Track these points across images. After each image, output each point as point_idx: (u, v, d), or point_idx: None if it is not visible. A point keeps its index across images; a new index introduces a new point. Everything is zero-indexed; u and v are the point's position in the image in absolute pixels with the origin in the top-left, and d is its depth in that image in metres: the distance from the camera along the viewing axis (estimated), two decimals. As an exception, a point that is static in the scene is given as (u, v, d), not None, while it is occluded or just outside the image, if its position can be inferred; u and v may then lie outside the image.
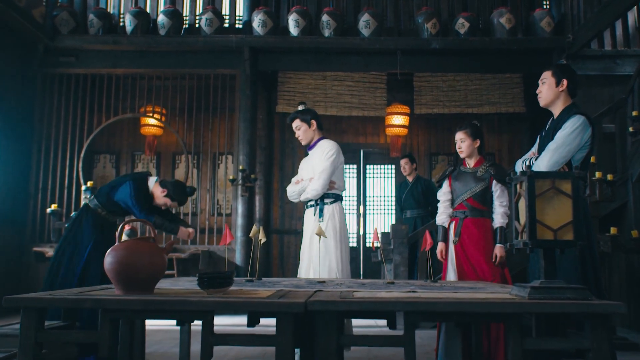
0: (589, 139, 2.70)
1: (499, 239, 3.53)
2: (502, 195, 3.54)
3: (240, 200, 6.56)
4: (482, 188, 3.55)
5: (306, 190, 3.58)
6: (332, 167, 3.59)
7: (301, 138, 3.76)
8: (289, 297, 1.77)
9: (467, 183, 3.60)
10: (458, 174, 3.68)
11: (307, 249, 3.52)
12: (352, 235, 8.20)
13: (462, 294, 1.90)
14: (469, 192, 3.57)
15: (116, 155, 8.10)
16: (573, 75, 2.83)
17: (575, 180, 1.71)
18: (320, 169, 3.56)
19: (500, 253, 3.50)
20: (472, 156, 3.65)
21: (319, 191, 3.55)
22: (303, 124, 3.73)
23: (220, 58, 6.77)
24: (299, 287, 2.25)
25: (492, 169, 3.58)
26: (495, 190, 3.56)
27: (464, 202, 3.59)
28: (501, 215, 3.52)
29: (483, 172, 3.58)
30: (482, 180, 3.56)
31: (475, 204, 3.55)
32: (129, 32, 6.59)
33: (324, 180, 3.55)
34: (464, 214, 3.58)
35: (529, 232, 1.70)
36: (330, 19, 6.46)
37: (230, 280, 1.87)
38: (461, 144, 3.63)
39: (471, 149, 3.62)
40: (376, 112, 7.02)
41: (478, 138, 3.63)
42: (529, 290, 1.67)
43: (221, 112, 7.12)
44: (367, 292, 1.96)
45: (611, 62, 6.70)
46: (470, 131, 3.62)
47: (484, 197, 3.56)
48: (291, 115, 3.81)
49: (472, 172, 3.62)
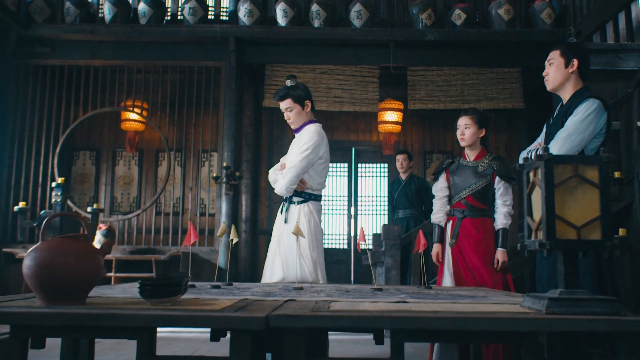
0: (604, 126, 2.37)
1: (501, 242, 3.18)
2: (505, 193, 3.19)
3: (225, 199, 6.20)
4: (484, 185, 3.20)
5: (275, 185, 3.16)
6: (304, 164, 3.08)
7: (292, 121, 3.19)
8: (249, 309, 1.44)
9: (467, 179, 3.24)
10: (457, 167, 3.33)
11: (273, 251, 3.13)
12: (343, 236, 7.87)
13: (462, 306, 1.57)
14: (468, 190, 3.22)
15: (96, 152, 7.75)
16: (584, 55, 2.51)
17: (604, 165, 1.38)
18: (290, 164, 3.08)
19: (502, 258, 3.16)
20: (473, 147, 3.29)
21: (283, 191, 3.09)
22: (296, 105, 3.15)
23: (205, 49, 6.42)
24: (269, 294, 1.91)
25: (494, 163, 3.22)
26: (498, 188, 3.21)
27: (462, 200, 3.24)
28: (504, 215, 3.18)
29: (485, 166, 3.23)
30: (483, 176, 3.21)
31: (475, 202, 3.21)
32: (107, 21, 6.23)
33: (289, 179, 3.06)
34: (463, 214, 3.23)
35: (546, 230, 1.37)
36: (320, 9, 6.13)
37: (180, 287, 1.53)
38: (465, 130, 3.26)
39: (475, 138, 3.26)
40: (368, 108, 6.69)
41: (484, 127, 3.27)
42: (546, 303, 1.34)
43: (206, 107, 6.77)
44: (347, 303, 1.62)
45: (614, 56, 6.39)
46: (477, 118, 3.26)
47: (485, 195, 3.21)
48: (280, 92, 3.17)
49: (472, 167, 3.26)
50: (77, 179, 7.68)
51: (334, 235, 7.88)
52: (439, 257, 3.36)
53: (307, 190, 3.17)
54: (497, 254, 3.18)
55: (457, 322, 1.27)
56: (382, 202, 7.82)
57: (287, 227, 3.05)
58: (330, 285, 2.52)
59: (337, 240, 7.88)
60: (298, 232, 2.24)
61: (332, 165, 7.92)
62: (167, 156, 6.85)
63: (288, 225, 3.06)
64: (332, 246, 7.81)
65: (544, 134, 2.65)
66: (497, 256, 3.18)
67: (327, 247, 7.77)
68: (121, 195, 7.71)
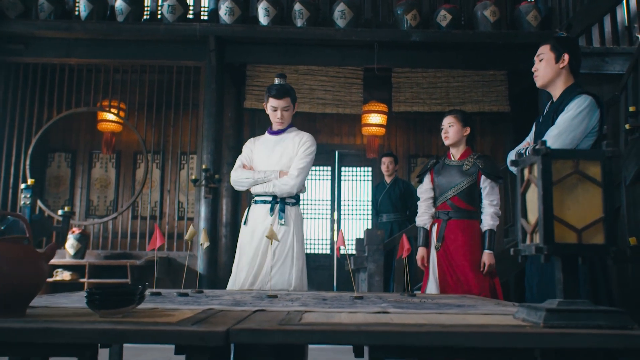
0: (597, 124, 2.24)
1: (487, 244, 3.04)
2: (491, 192, 3.05)
3: (204, 203, 6.01)
4: (469, 185, 3.06)
5: (274, 184, 2.95)
6: (310, 166, 3.04)
7: (283, 122, 3.06)
8: (210, 321, 1.27)
9: (452, 178, 3.10)
10: (442, 167, 3.19)
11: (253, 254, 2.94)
12: (325, 242, 7.71)
13: (449, 317, 1.42)
14: (453, 190, 3.08)
15: (72, 154, 7.51)
16: (575, 50, 2.38)
17: (607, 161, 1.24)
18: (300, 165, 2.96)
19: (489, 261, 3.02)
20: (458, 145, 3.16)
21: (293, 190, 2.96)
22: (292, 105, 3.06)
23: (184, 48, 6.23)
24: (239, 304, 1.74)
25: (479, 161, 3.09)
26: (484, 187, 3.07)
27: (447, 202, 3.10)
28: (491, 216, 3.04)
29: (470, 165, 3.09)
30: (468, 176, 3.07)
31: (460, 203, 3.06)
32: (83, 18, 6.02)
33: (302, 179, 2.98)
34: (448, 215, 3.09)
35: (543, 233, 1.22)
36: (303, 8, 5.98)
37: (133, 297, 1.36)
38: (448, 128, 3.14)
39: (459, 135, 3.14)
40: (352, 110, 6.54)
41: (468, 125, 3.15)
42: (544, 315, 1.19)
43: (185, 108, 6.58)
44: (322, 314, 1.46)
45: (600, 60, 6.32)
46: (461, 116, 3.15)
47: (471, 195, 3.07)
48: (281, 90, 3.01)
49: (457, 166, 3.13)
50: (52, 182, 7.43)
51: (316, 241, 7.71)
52: (424, 262, 3.22)
53: (300, 192, 3.08)
54: (483, 257, 3.04)
55: (443, 337, 1.11)
56: (366, 206, 7.67)
57: (283, 229, 2.91)
58: (308, 293, 2.36)
59: (320, 245, 7.71)
60: (273, 235, 2.08)
61: (315, 168, 7.77)
62: (145, 158, 6.64)
63: (285, 227, 2.92)
64: (314, 251, 7.64)
65: (533, 133, 2.51)
66: (483, 259, 3.04)
67: (309, 252, 7.60)
68: (97, 198, 7.47)
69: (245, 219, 3.07)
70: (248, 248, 2.95)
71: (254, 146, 3.18)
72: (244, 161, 3.13)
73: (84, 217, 7.26)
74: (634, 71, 4.90)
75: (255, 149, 3.15)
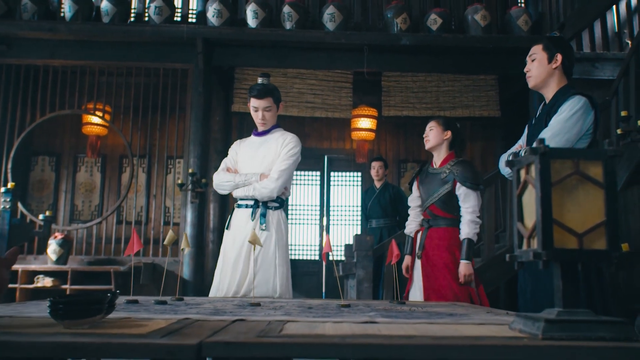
0: (592, 126, 2.17)
1: (465, 253, 2.95)
2: (467, 199, 2.96)
3: (190, 208, 5.90)
4: (445, 192, 3.00)
5: (255, 187, 2.84)
6: (293, 168, 2.93)
7: (266, 123, 2.96)
8: (184, 333, 1.17)
9: (431, 186, 3.04)
10: (425, 175, 3.13)
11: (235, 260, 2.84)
12: (314, 247, 7.61)
13: (441, 327, 1.33)
14: (431, 198, 3.03)
15: (57, 158, 7.36)
16: (568, 50, 2.31)
17: (609, 161, 1.16)
18: (282, 167, 2.86)
19: (465, 271, 2.93)
20: (439, 150, 3.10)
21: (274, 193, 2.85)
22: (274, 106, 2.96)
23: (171, 51, 6.13)
24: (218, 312, 1.65)
25: (455, 168, 3.00)
26: (459, 194, 2.99)
27: (427, 210, 3.05)
28: (467, 224, 2.94)
29: (447, 173, 3.02)
30: (445, 183, 3.00)
31: (438, 211, 3.00)
32: (68, 19, 5.90)
33: (283, 181, 2.86)
34: (428, 224, 3.04)
35: (542, 238, 1.14)
36: (292, 11, 5.90)
37: (101, 306, 1.26)
38: (429, 132, 3.09)
39: (439, 139, 3.07)
40: (341, 114, 6.47)
41: (450, 129, 3.09)
42: (542, 325, 1.11)
43: (172, 111, 6.46)
44: (305, 324, 1.37)
45: (590, 65, 6.30)
46: (442, 120, 3.09)
47: (449, 202, 3.00)
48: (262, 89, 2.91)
49: (437, 173, 3.07)
50: (36, 186, 7.29)
51: (305, 246, 7.61)
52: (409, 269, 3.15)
53: (283, 195, 2.98)
54: (460, 267, 2.96)
55: (434, 350, 1.03)
56: (356, 212, 7.59)
57: (265, 235, 2.81)
58: (293, 301, 2.26)
59: (309, 251, 7.61)
60: (256, 240, 1.99)
61: (304, 173, 7.67)
62: (130, 162, 6.52)
63: (267, 233, 2.82)
64: (303, 257, 7.54)
65: (526, 136, 2.44)
66: (460, 269, 2.95)
67: (298, 258, 7.50)
68: (82, 203, 7.33)
69: (227, 224, 2.98)
70: (230, 254, 2.85)
71: (239, 148, 3.09)
72: (229, 164, 3.05)
73: (68, 222, 7.11)
74: (625, 76, 4.88)
75: (240, 151, 3.06)
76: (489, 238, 5.11)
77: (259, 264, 2.77)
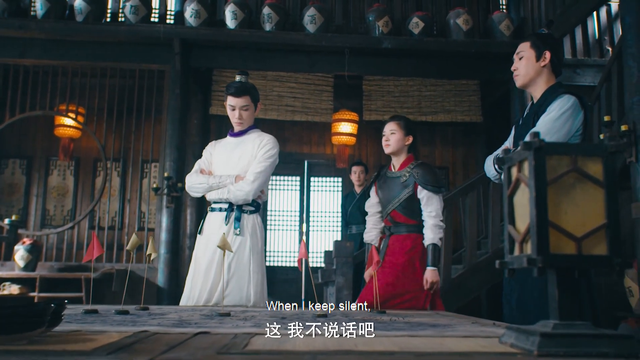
0: (581, 126, 2.08)
1: (430, 260, 2.83)
2: (429, 202, 2.84)
3: (165, 212, 5.71)
4: (406, 197, 2.88)
5: (229, 190, 2.71)
6: (270, 171, 2.82)
7: (243, 122, 2.85)
8: (135, 349, 1.03)
9: (391, 191, 2.93)
10: (384, 180, 3.02)
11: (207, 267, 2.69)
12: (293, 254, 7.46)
13: (424, 340, 1.21)
14: (392, 203, 2.91)
15: (28, 161, 7.12)
16: (557, 47, 2.23)
17: (609, 157, 1.05)
18: (258, 169, 2.74)
19: (432, 278, 2.81)
20: (399, 154, 2.99)
21: (249, 196, 2.72)
22: (252, 105, 2.85)
23: (148, 51, 5.95)
24: (182, 324, 1.50)
25: (416, 171, 2.89)
26: (421, 198, 2.87)
27: (388, 216, 2.93)
28: (431, 229, 2.83)
29: (407, 176, 2.91)
30: (406, 187, 2.89)
31: (399, 217, 2.89)
32: (40, 17, 5.71)
33: (259, 184, 2.74)
34: (390, 231, 2.92)
35: (536, 242, 1.02)
36: (272, 12, 5.78)
37: (41, 318, 1.11)
38: (390, 136, 2.96)
39: (400, 144, 2.96)
40: (321, 118, 6.35)
41: (411, 134, 2.98)
42: (537, 340, 0.99)
43: (148, 114, 6.29)
44: (274, 337, 1.24)
45: (571, 71, 6.27)
46: (404, 123, 2.97)
47: (411, 207, 2.89)
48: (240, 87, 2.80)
49: (397, 177, 2.96)
50: (5, 189, 7.04)
51: (284, 253, 7.46)
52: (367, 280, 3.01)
53: (260, 199, 2.84)
54: (426, 275, 2.84)
55: (419, 369, 0.90)
56: (336, 218, 7.46)
57: (239, 240, 2.67)
58: (266, 310, 2.13)
59: (288, 257, 7.46)
60: (226, 245, 1.85)
61: (284, 178, 7.53)
62: (104, 166, 6.31)
63: (241, 238, 2.67)
64: (282, 264, 7.38)
65: (513, 137, 2.34)
66: (426, 277, 2.83)
67: (276, 265, 7.34)
68: (54, 207, 7.10)
69: (200, 229, 2.83)
70: (202, 260, 2.70)
71: (214, 149, 2.96)
72: (202, 165, 2.91)
73: (39, 227, 6.87)
74: (607, 81, 4.85)
75: (215, 152, 2.93)
76: (471, 245, 5.03)
77: (232, 270, 2.63)
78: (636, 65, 3.88)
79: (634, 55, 3.89)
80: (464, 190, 5.15)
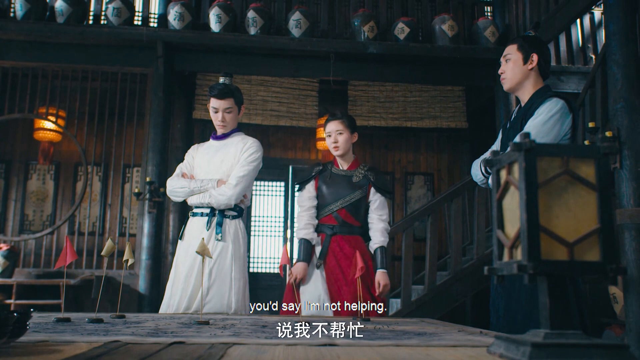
0: (569, 130, 2.05)
1: (380, 262, 2.81)
2: (382, 207, 2.88)
3: (147, 218, 5.61)
4: (358, 197, 2.87)
5: (211, 194, 2.65)
6: (253, 175, 2.76)
7: (226, 125, 2.79)
8: (102, 361, 0.97)
9: (340, 189, 2.89)
10: (329, 176, 2.96)
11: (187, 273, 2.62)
12: (277, 260, 7.39)
13: (410, 351, 1.16)
14: (341, 201, 2.87)
15: (6, 164, 6.97)
16: (544, 50, 2.20)
17: (603, 159, 1.01)
18: (241, 173, 2.68)
19: (384, 281, 2.78)
20: (347, 155, 2.97)
21: (231, 201, 2.66)
22: (235, 108, 2.80)
23: (130, 54, 5.86)
24: (158, 333, 1.44)
25: (370, 174, 2.91)
26: (374, 200, 2.88)
27: (333, 214, 2.87)
28: (381, 232, 2.84)
29: (360, 177, 2.90)
30: (358, 188, 2.87)
31: (347, 217, 2.86)
32: (19, 17, 5.60)
33: (242, 188, 2.68)
34: (333, 230, 2.86)
35: (527, 248, 0.97)
36: (257, 16, 5.73)
37: (3, 328, 1.04)
38: (338, 136, 2.91)
39: (349, 144, 2.95)
40: (306, 123, 6.30)
41: (356, 131, 2.97)
42: (528, 351, 0.94)
43: (130, 117, 6.21)
44: (252, 348, 1.18)
45: (555, 78, 6.30)
46: (348, 122, 2.94)
47: (358, 209, 2.88)
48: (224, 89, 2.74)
49: (346, 176, 2.93)
50: (-18, 194, 6.88)
51: (268, 259, 7.38)
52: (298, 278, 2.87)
53: (242, 204, 2.77)
54: (377, 277, 2.80)
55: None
56: (321, 224, 7.40)
57: (221, 246, 2.60)
58: (247, 318, 2.06)
59: (271, 264, 7.38)
60: (205, 251, 1.79)
61: (268, 184, 7.47)
62: (85, 170, 6.20)
63: (223, 243, 2.61)
64: (265, 270, 7.30)
65: (500, 141, 2.31)
66: (378, 279, 2.79)
67: (260, 271, 7.27)
68: (33, 212, 6.95)
69: (181, 234, 2.76)
70: (182, 267, 2.63)
71: (196, 153, 2.89)
72: (184, 169, 2.84)
73: (18, 232, 6.72)
74: (591, 88, 4.87)
75: (197, 155, 2.86)
76: (457, 251, 5.00)
77: (213, 277, 2.56)
78: (620, 72, 3.88)
79: (617, 62, 3.90)
80: (449, 196, 5.13)
